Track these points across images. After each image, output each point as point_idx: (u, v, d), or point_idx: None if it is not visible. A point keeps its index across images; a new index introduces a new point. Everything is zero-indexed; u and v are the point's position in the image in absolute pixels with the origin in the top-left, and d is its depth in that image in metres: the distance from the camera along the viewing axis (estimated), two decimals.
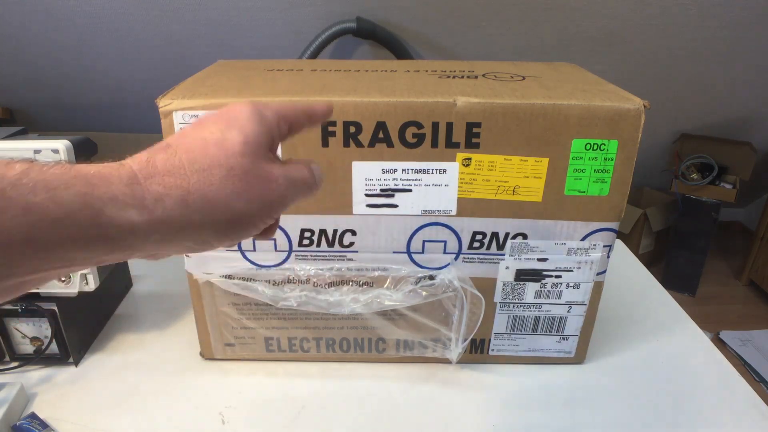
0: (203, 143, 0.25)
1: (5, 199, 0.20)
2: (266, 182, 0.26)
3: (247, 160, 0.25)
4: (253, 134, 0.26)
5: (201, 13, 1.40)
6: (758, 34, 1.49)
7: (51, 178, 0.21)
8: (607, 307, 0.57)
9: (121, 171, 0.23)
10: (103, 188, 0.22)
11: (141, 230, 0.23)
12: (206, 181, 0.24)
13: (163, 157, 0.24)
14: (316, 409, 0.52)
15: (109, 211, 0.22)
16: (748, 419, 0.51)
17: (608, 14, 1.41)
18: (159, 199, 0.23)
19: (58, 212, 0.21)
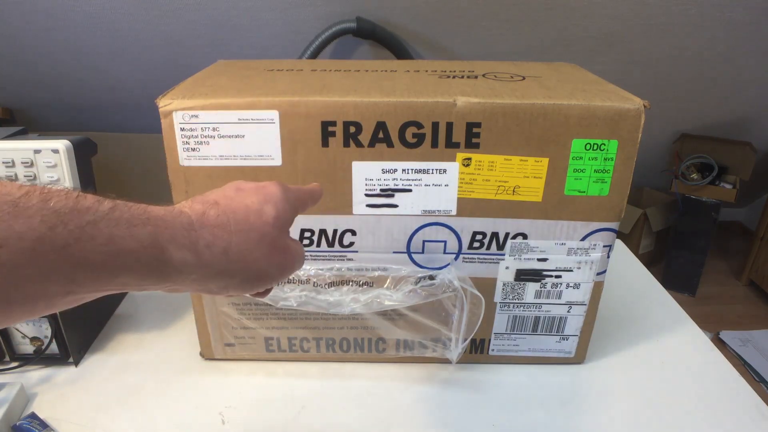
0: (246, 210, 0.31)
1: (96, 229, 0.24)
2: (286, 253, 0.32)
3: (276, 232, 0.31)
4: (283, 211, 0.32)
5: (201, 13, 1.40)
6: (758, 34, 1.49)
7: (131, 216, 0.25)
8: (607, 307, 0.57)
9: (182, 218, 0.28)
10: (169, 230, 0.26)
11: (188, 269, 0.27)
12: (245, 240, 0.30)
13: (214, 212, 0.29)
14: (316, 409, 0.52)
15: (170, 250, 0.26)
16: (748, 419, 0.51)
17: (608, 14, 1.41)
18: (208, 245, 0.28)
19: (133, 245, 0.25)
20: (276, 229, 0.31)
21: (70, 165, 0.48)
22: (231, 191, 0.32)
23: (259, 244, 0.30)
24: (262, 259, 0.31)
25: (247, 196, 0.32)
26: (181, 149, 0.46)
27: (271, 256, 0.31)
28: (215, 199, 0.31)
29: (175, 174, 0.47)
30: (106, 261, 0.24)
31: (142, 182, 1.63)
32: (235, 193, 0.32)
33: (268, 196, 0.32)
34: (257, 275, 0.31)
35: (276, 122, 0.45)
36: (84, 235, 0.23)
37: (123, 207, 0.25)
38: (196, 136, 0.46)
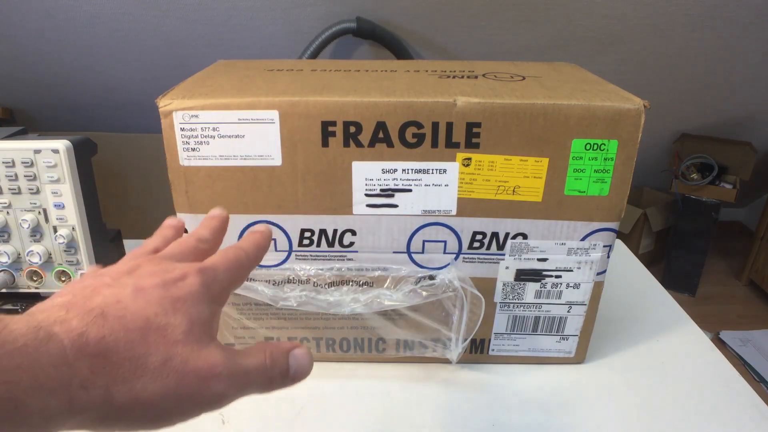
0: (144, 326, 0.22)
1: None
2: (203, 379, 0.23)
3: (187, 350, 0.23)
4: (199, 317, 0.24)
5: (201, 13, 1.40)
6: (758, 34, 1.49)
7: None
8: (607, 307, 0.57)
9: (51, 346, 0.20)
10: (30, 374, 0.19)
11: (57, 419, 0.20)
12: (137, 371, 0.21)
13: (96, 333, 0.21)
14: (316, 409, 0.52)
15: (31, 401, 0.19)
16: (748, 419, 0.51)
17: (608, 14, 1.41)
18: (84, 386, 0.20)
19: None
20: (187, 346, 0.23)
21: (70, 165, 0.48)
22: (127, 294, 0.23)
23: (157, 373, 0.22)
24: (160, 396, 0.22)
25: (149, 301, 0.23)
26: (181, 149, 0.46)
27: (177, 388, 0.22)
28: (101, 307, 0.22)
29: (175, 174, 0.47)
30: None
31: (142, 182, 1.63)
32: (133, 296, 0.23)
33: (180, 299, 0.24)
34: (155, 417, 0.22)
35: (276, 122, 0.45)
36: None
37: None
38: (196, 136, 0.46)
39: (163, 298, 0.23)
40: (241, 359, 0.25)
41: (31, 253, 0.50)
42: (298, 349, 0.27)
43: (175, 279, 0.24)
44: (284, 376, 0.27)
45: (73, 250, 0.51)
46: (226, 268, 0.27)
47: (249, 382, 0.25)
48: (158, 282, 0.24)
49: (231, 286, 0.27)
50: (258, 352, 0.26)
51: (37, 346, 0.19)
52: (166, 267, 0.25)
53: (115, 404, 0.21)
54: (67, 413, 0.20)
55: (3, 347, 0.18)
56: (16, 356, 0.19)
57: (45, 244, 0.51)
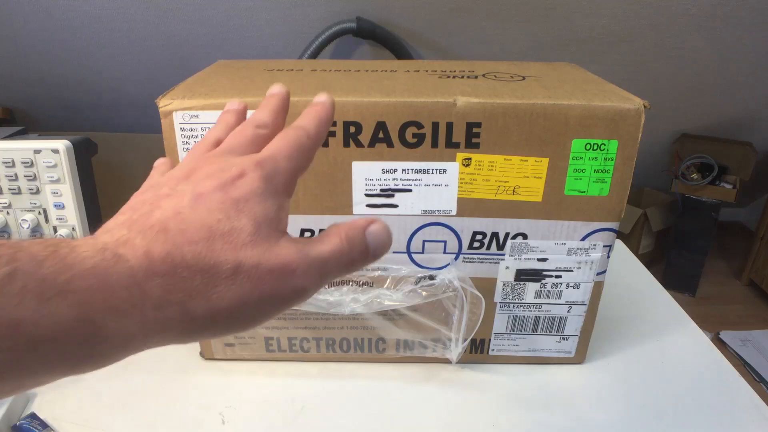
0: (208, 234, 0.21)
1: None
2: (280, 278, 0.22)
3: (257, 252, 0.21)
4: (264, 217, 0.22)
5: (201, 13, 1.40)
6: (758, 34, 1.49)
7: (42, 282, 0.17)
8: (607, 307, 0.57)
9: (119, 268, 0.19)
10: (102, 297, 0.18)
11: (133, 343, 0.20)
12: (210, 283, 0.20)
13: (161, 249, 0.20)
14: (316, 409, 0.52)
15: (108, 323, 0.18)
16: (748, 419, 0.51)
17: (608, 14, 1.41)
18: (159, 306, 0.20)
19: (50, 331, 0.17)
20: (257, 248, 0.21)
21: (70, 165, 0.48)
22: (185, 201, 0.22)
23: (232, 281, 0.21)
24: (238, 303, 0.21)
25: (209, 209, 0.22)
26: (181, 149, 0.46)
27: (254, 290, 0.21)
28: (162, 222, 0.21)
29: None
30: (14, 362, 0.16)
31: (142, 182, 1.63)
32: (192, 203, 0.22)
33: (241, 200, 0.22)
34: (235, 325, 0.22)
35: None
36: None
37: (29, 267, 0.17)
38: (196, 136, 0.46)
39: (223, 202, 0.22)
40: (316, 248, 0.23)
41: None
42: (373, 225, 0.25)
43: (234, 178, 0.23)
44: (365, 255, 0.24)
45: None
46: (287, 154, 0.25)
47: (328, 271, 0.23)
48: (216, 184, 0.22)
49: (296, 172, 0.25)
50: (332, 236, 0.24)
51: (105, 267, 0.19)
52: (223, 165, 0.23)
53: (194, 319, 0.20)
54: (147, 333, 0.20)
55: (72, 269, 0.18)
56: (86, 277, 0.18)
57: None
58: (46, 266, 0.17)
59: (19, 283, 0.16)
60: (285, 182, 0.24)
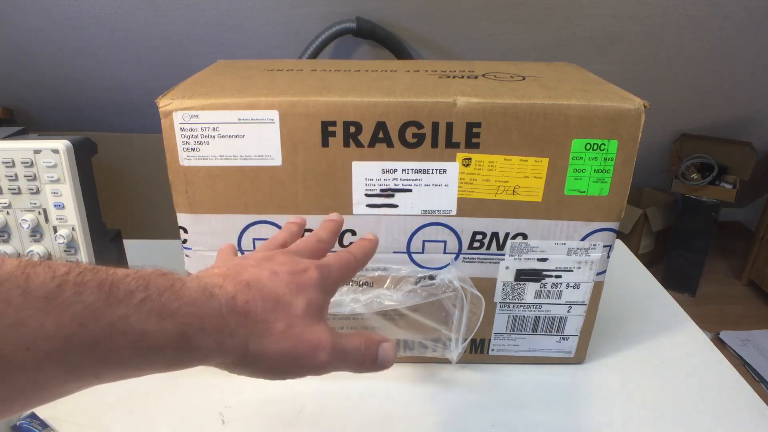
0: (275, 300, 0.29)
1: (128, 324, 0.22)
2: (313, 348, 0.29)
3: (304, 323, 0.29)
4: (315, 302, 0.30)
5: (201, 13, 1.40)
6: (758, 35, 1.49)
7: (162, 307, 0.24)
8: (607, 307, 0.57)
9: (213, 302, 0.26)
10: (198, 319, 0.25)
11: (211, 355, 0.26)
12: (267, 331, 0.28)
13: (244, 298, 0.28)
14: (316, 409, 0.52)
15: (197, 339, 0.25)
16: (748, 419, 0.51)
17: (608, 14, 1.41)
18: (231, 334, 0.27)
19: (162, 340, 0.24)
20: (304, 321, 0.29)
21: (70, 165, 0.48)
22: (265, 274, 0.30)
23: (281, 336, 0.28)
24: (279, 354, 0.28)
25: (280, 283, 0.29)
26: (181, 149, 0.46)
27: (292, 350, 0.29)
28: (248, 281, 0.29)
29: (175, 174, 0.47)
30: (134, 357, 0.23)
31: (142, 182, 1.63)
32: (270, 277, 0.30)
33: (302, 286, 0.30)
34: (271, 369, 0.29)
35: (276, 122, 0.45)
36: (114, 332, 0.22)
37: (155, 295, 0.23)
38: (196, 136, 0.46)
39: (290, 283, 0.30)
40: (343, 340, 0.31)
41: (31, 253, 0.50)
42: (386, 343, 0.33)
43: (301, 270, 0.31)
44: (373, 362, 0.32)
45: (73, 250, 0.51)
46: (338, 267, 0.34)
47: (346, 360, 0.31)
48: (288, 270, 0.31)
49: (340, 281, 0.34)
50: (356, 337, 0.32)
51: (204, 300, 0.26)
52: (294, 260, 0.32)
53: (249, 353, 0.28)
54: (218, 352, 0.26)
55: (182, 299, 0.25)
56: (191, 306, 0.25)
57: (45, 244, 0.51)
58: (165, 295, 0.24)
59: (148, 307, 0.23)
60: (332, 285, 0.33)
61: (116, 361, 0.22)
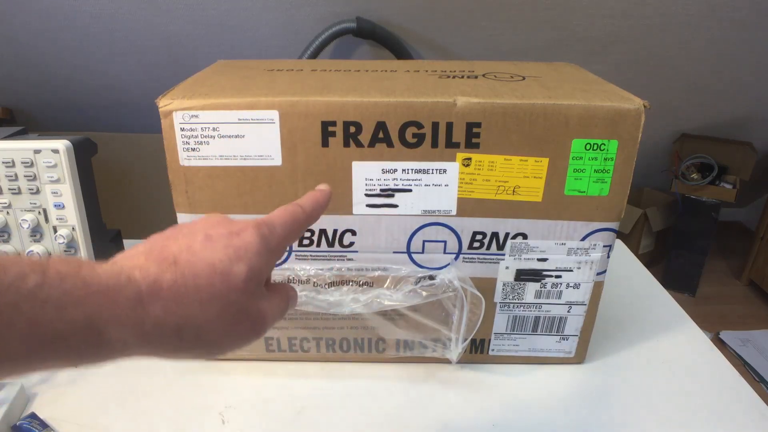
0: (210, 271, 0.25)
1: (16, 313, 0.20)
2: (255, 323, 0.27)
3: (245, 298, 0.26)
4: (257, 269, 0.27)
5: (201, 13, 1.40)
6: (758, 35, 1.49)
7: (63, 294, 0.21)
8: (607, 307, 0.57)
9: (129, 289, 0.23)
10: (109, 310, 0.23)
11: (130, 350, 0.24)
12: (203, 314, 0.25)
13: (170, 277, 0.24)
14: (316, 409, 0.52)
15: (110, 331, 0.23)
16: (748, 419, 0.51)
17: (608, 14, 1.41)
18: (158, 324, 0.24)
19: (63, 330, 0.21)
20: (246, 294, 0.26)
21: (70, 165, 0.48)
22: (198, 241, 0.26)
23: (220, 316, 0.25)
24: (222, 335, 0.26)
25: (215, 250, 0.26)
26: (181, 149, 0.46)
27: (234, 329, 0.26)
28: (174, 255, 0.25)
29: (175, 174, 0.47)
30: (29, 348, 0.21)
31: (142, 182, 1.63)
32: (202, 244, 0.26)
33: (241, 249, 0.27)
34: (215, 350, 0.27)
35: (276, 122, 0.45)
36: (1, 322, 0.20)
37: (54, 282, 0.21)
38: (196, 136, 0.46)
39: (228, 247, 0.27)
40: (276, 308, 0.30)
41: (31, 253, 0.50)
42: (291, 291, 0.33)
43: (238, 231, 0.28)
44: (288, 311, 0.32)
45: (73, 250, 0.51)
46: (282, 222, 0.30)
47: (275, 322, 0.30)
48: (223, 232, 0.27)
49: (287, 238, 0.31)
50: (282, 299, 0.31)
51: (118, 287, 0.23)
52: (229, 221, 0.29)
53: (184, 340, 0.25)
54: (142, 344, 0.24)
55: (89, 287, 0.22)
56: (98, 296, 0.22)
57: (45, 244, 0.51)
58: (68, 282, 0.22)
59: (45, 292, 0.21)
60: (278, 244, 0.30)
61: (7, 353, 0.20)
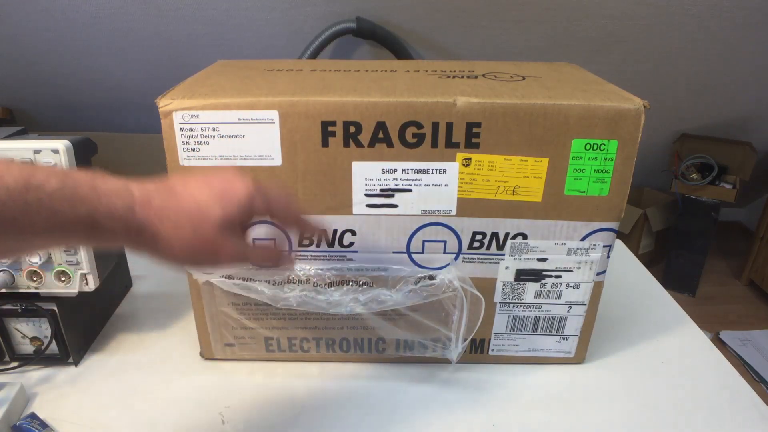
0: (194, 205, 0.33)
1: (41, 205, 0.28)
2: (213, 254, 0.34)
3: (212, 233, 0.33)
4: (230, 217, 0.34)
5: (201, 13, 1.40)
6: (758, 35, 1.49)
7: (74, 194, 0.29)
8: (607, 307, 0.57)
9: (125, 197, 0.31)
10: (106, 209, 0.30)
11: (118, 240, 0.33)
12: (176, 234, 0.33)
13: (159, 201, 0.32)
14: (316, 409, 0.52)
15: (104, 224, 0.31)
16: (748, 419, 0.51)
17: (608, 14, 1.41)
18: (140, 228, 0.32)
19: (72, 220, 0.29)
20: (213, 230, 0.33)
21: (70, 165, 0.48)
22: (197, 181, 0.35)
23: (190, 239, 0.33)
24: (187, 253, 0.33)
25: (204, 193, 0.34)
26: (181, 149, 0.46)
27: (196, 251, 0.34)
28: (172, 186, 0.34)
29: (175, 174, 0.47)
30: (48, 231, 0.29)
31: None
32: (198, 185, 0.34)
33: (225, 199, 0.34)
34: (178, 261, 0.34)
35: (276, 122, 0.45)
36: (30, 210, 0.28)
37: (70, 186, 0.29)
38: (196, 136, 0.46)
39: (216, 192, 0.34)
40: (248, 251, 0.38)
41: None
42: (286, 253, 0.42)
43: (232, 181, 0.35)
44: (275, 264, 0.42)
45: (72, 251, 0.51)
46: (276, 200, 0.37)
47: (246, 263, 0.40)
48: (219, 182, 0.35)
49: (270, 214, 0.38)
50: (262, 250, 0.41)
51: (118, 195, 0.31)
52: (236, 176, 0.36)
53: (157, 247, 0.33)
54: (125, 238, 0.32)
55: (98, 191, 0.30)
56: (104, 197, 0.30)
57: None
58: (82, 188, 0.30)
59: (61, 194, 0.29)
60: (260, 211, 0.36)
61: (34, 232, 0.29)
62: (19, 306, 0.53)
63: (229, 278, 0.51)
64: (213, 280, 0.51)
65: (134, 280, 0.71)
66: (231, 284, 0.51)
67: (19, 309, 0.53)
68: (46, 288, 0.52)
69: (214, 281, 0.51)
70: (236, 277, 0.51)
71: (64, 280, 0.52)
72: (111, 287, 0.66)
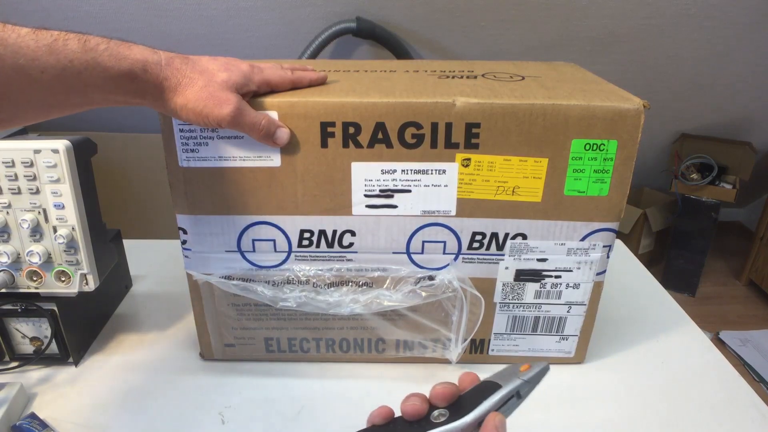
0: (203, 70, 0.42)
1: (97, 62, 0.36)
2: (220, 104, 0.41)
3: (219, 87, 0.42)
4: (235, 81, 0.42)
5: (201, 13, 1.40)
6: (758, 34, 1.49)
7: (118, 53, 0.38)
8: (607, 307, 0.57)
9: (155, 56, 0.40)
10: (141, 64, 0.39)
11: (147, 90, 0.40)
12: (191, 85, 0.41)
13: (179, 62, 0.41)
14: (316, 409, 0.52)
15: (141, 76, 0.39)
16: (748, 419, 0.51)
17: (608, 14, 1.41)
18: (165, 79, 0.40)
19: (119, 73, 0.38)
20: (221, 85, 0.41)
21: (70, 165, 0.48)
22: (208, 57, 0.44)
23: (201, 90, 0.41)
24: (195, 104, 0.41)
25: (213, 61, 0.43)
26: (180, 150, 0.46)
27: (207, 100, 0.41)
28: (190, 56, 0.43)
29: (174, 175, 0.48)
30: (103, 83, 0.37)
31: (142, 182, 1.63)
32: (208, 58, 0.44)
33: (232, 68, 0.43)
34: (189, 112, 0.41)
35: None
36: (90, 66, 0.36)
37: (113, 47, 0.37)
38: (195, 138, 0.46)
39: (224, 64, 0.43)
40: (248, 110, 0.43)
41: (30, 253, 0.50)
42: (284, 128, 0.45)
43: (238, 62, 0.45)
44: (269, 136, 0.44)
45: (72, 250, 0.51)
46: (272, 71, 0.46)
47: (245, 123, 0.43)
48: (227, 60, 0.45)
49: (269, 81, 0.46)
50: (261, 114, 0.44)
51: (149, 54, 0.40)
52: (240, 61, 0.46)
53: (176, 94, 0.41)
54: (154, 88, 0.40)
55: (132, 50, 0.39)
56: (138, 55, 0.39)
57: (45, 244, 0.51)
58: (121, 48, 0.38)
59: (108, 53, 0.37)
60: (257, 84, 0.45)
61: (94, 83, 0.37)
62: (19, 306, 0.53)
63: (229, 279, 0.51)
64: (213, 280, 0.51)
65: (134, 280, 0.71)
66: (231, 285, 0.51)
67: (19, 309, 0.53)
68: (46, 288, 0.52)
69: (213, 281, 0.51)
70: (236, 278, 0.51)
71: (64, 280, 0.52)
72: (111, 287, 0.66)
